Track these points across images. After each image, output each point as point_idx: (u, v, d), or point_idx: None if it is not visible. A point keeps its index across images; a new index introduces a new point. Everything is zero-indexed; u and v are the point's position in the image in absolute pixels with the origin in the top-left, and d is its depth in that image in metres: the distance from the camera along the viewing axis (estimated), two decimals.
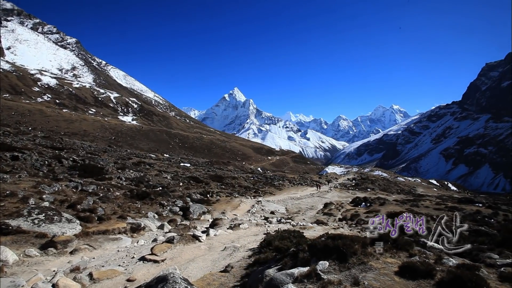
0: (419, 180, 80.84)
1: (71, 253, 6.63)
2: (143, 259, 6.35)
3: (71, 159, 19.68)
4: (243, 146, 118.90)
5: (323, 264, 3.72)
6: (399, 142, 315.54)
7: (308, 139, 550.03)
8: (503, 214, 16.89)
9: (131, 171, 21.61)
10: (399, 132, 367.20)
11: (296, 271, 3.74)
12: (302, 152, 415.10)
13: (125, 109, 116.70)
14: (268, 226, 11.29)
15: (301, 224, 12.69)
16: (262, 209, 17.17)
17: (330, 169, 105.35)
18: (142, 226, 9.34)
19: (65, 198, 10.11)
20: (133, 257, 6.57)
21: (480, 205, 21.68)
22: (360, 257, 3.81)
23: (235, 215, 14.57)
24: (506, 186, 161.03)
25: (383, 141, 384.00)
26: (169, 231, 9.45)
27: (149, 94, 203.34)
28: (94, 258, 6.56)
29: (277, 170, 77.98)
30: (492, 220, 15.08)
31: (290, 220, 13.85)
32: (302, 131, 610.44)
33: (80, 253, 6.70)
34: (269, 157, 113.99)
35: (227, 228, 10.29)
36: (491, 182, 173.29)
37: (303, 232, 8.01)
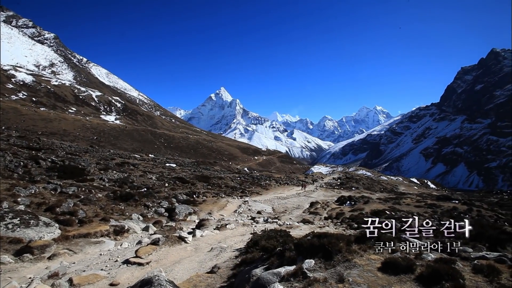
0: (401, 179, 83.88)
1: (49, 258, 6.33)
2: (127, 262, 6.18)
3: (49, 160, 18.76)
4: (229, 146, 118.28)
5: (309, 263, 3.78)
6: (382, 142, 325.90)
7: (295, 139, 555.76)
8: (477, 210, 17.94)
9: (115, 172, 20.94)
10: (382, 132, 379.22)
11: (283, 270, 3.77)
12: (289, 152, 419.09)
13: (108, 108, 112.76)
14: (255, 226, 11.31)
15: (288, 223, 12.82)
16: (249, 209, 17.17)
17: (316, 168, 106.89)
18: (126, 228, 9.09)
19: (42, 201, 9.63)
20: (116, 261, 6.38)
21: (457, 202, 22.90)
22: (345, 254, 3.90)
23: (221, 215, 14.48)
24: (479, 183, 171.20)
25: (367, 141, 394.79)
26: (154, 233, 9.26)
27: (133, 93, 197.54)
28: (74, 263, 6.31)
29: (264, 170, 78.24)
30: (467, 216, 15.96)
31: (277, 220, 13.93)
32: (289, 131, 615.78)
33: (59, 258, 6.43)
34: (256, 157, 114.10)
35: (214, 229, 10.21)
36: (466, 180, 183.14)
37: (289, 231, 8.10)
